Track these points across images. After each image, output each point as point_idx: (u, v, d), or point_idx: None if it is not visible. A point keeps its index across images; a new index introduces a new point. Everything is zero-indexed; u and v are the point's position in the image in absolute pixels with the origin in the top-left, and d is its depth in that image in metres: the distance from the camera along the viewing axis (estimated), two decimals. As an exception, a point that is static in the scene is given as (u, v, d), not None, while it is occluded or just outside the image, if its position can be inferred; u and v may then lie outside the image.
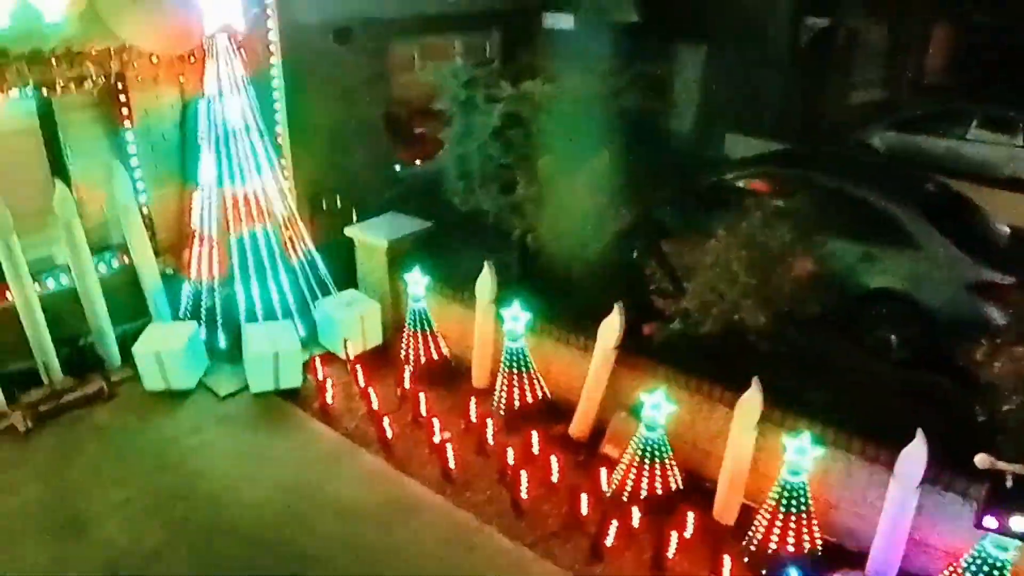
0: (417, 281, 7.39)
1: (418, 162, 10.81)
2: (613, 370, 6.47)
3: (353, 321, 7.88)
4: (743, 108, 12.86)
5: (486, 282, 7.08)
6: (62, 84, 7.13)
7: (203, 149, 7.76)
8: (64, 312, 7.53)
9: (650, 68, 10.26)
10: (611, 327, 6.31)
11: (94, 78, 7.31)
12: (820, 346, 7.06)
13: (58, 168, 7.55)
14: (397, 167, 10.70)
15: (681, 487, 5.98)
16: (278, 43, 8.64)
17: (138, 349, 7.42)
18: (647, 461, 5.78)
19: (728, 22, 12.83)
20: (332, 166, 9.43)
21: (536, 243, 7.49)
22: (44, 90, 7.08)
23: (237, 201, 7.79)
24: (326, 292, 8.33)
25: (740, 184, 8.35)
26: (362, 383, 7.40)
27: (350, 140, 9.72)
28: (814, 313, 6.10)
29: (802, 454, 5.16)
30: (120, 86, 7.66)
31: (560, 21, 12.43)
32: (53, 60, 6.95)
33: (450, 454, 6.35)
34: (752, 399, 5.51)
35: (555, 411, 6.98)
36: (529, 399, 6.88)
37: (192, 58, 7.86)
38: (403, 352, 7.64)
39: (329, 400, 7.28)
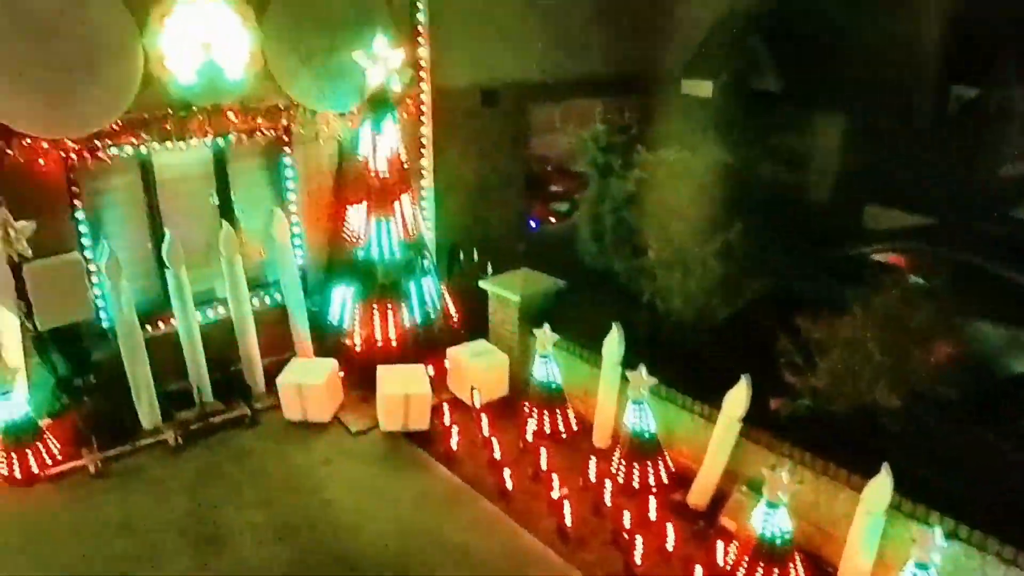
0: (546, 337, 7.58)
1: (552, 220, 11.10)
2: (736, 442, 6.41)
3: (482, 371, 8.14)
4: (884, 180, 12.48)
5: (613, 343, 7.19)
6: (236, 135, 7.91)
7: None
8: (219, 341, 8.17)
9: (787, 137, 10.21)
10: (737, 398, 6.28)
11: (264, 131, 8.03)
12: (959, 433, 6.73)
13: (225, 210, 8.28)
14: (532, 223, 11.01)
15: (800, 570, 5.82)
16: (429, 103, 9.19)
17: (281, 381, 7.94)
18: (766, 538, 5.67)
19: (870, 91, 12.56)
20: (471, 220, 9.84)
21: (665, 307, 7.54)
22: (220, 140, 7.85)
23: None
24: (457, 340, 8.66)
25: (878, 259, 8.14)
26: (486, 432, 7.61)
27: (489, 196, 10.14)
28: (954, 397, 5.87)
29: (931, 549, 4.95)
30: (286, 139, 8.36)
31: (698, 88, 12.54)
32: (230, 114, 7.72)
33: (567, 511, 6.42)
34: (881, 485, 5.35)
35: (675, 477, 6.96)
36: (649, 464, 6.88)
37: (351, 115, 8.45)
38: (527, 406, 7.81)
39: (453, 446, 7.52)
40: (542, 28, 10.22)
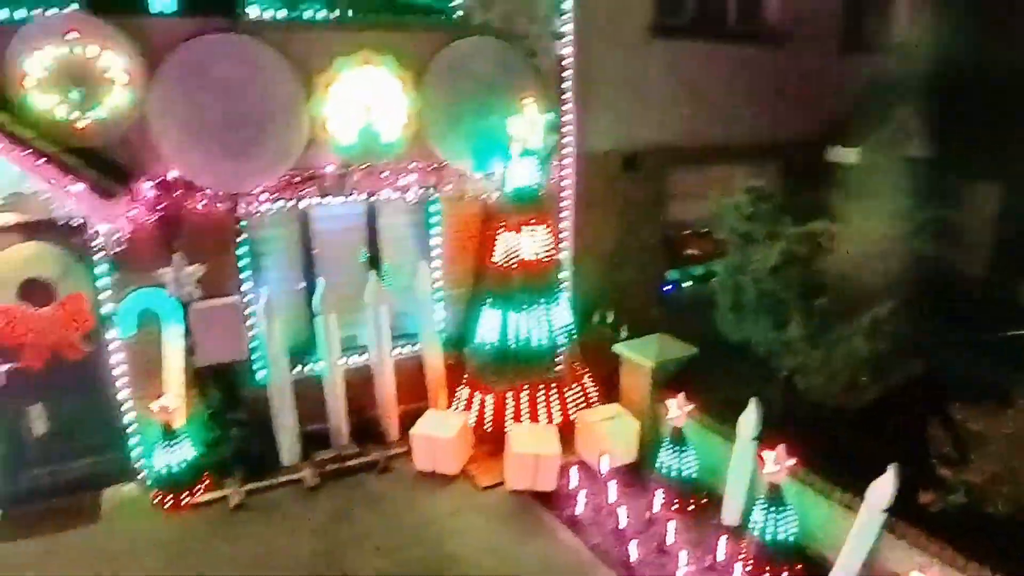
0: (679, 406, 7.47)
1: (687, 285, 10.98)
2: (878, 536, 6.05)
3: (612, 436, 8.08)
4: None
5: (750, 419, 6.99)
6: (388, 192, 8.30)
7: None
8: (358, 386, 8.50)
9: (943, 207, 9.72)
10: (882, 488, 5.95)
11: (414, 189, 8.42)
12: None
13: (373, 262, 8.68)
14: (666, 287, 10.92)
15: None
16: (571, 166, 9.37)
17: (415, 431, 8.16)
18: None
19: (1030, 157, 11.81)
20: (607, 282, 9.86)
21: (805, 385, 7.28)
22: (373, 196, 8.31)
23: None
24: (589, 403, 8.66)
25: (1047, 344, 7.57)
26: (612, 499, 7.52)
27: (625, 259, 10.14)
28: None
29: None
30: (434, 197, 8.73)
31: (845, 155, 12.16)
32: (384, 172, 8.17)
33: (693, 589, 6.24)
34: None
35: (809, 564, 6.62)
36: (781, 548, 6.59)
37: (497, 176, 8.73)
38: (656, 475, 7.68)
39: (579, 511, 7.47)
40: (685, 93, 10.25)
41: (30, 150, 6.41)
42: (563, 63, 9.06)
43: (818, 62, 11.23)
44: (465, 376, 8.89)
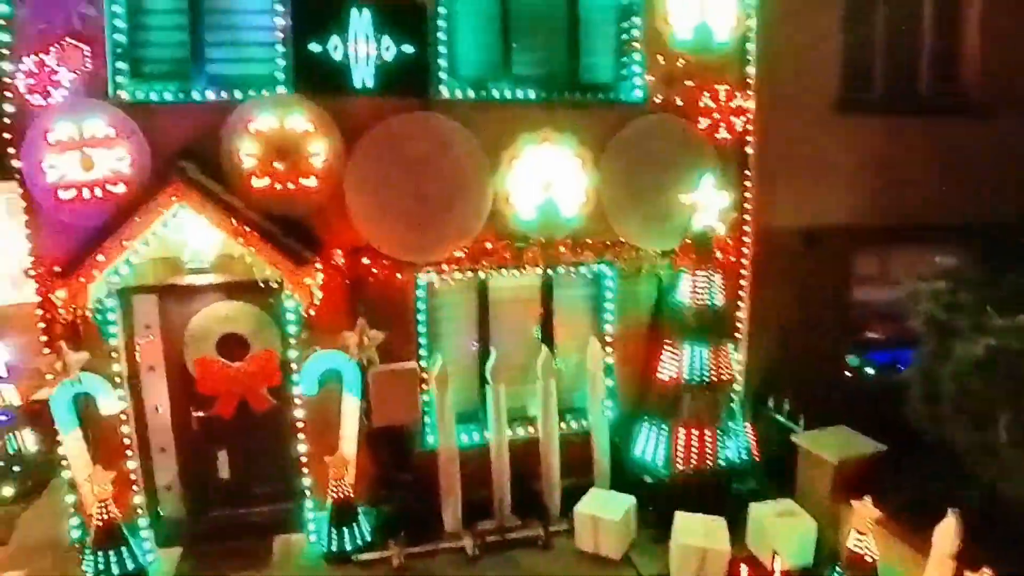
0: (866, 511, 6.90)
1: (870, 371, 10.28)
2: None
3: (785, 534, 7.58)
4: None
5: (948, 533, 6.34)
6: (564, 267, 8.41)
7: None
8: (523, 458, 8.42)
9: None
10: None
11: (590, 265, 8.48)
12: None
13: (546, 335, 8.71)
14: (848, 372, 10.27)
15: None
16: (750, 244, 9.12)
17: (579, 509, 7.98)
18: None
19: None
20: (782, 366, 9.39)
21: (1014, 494, 6.55)
22: (550, 270, 8.42)
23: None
24: (760, 495, 8.18)
25: None
26: (786, 604, 7.02)
27: (803, 341, 9.63)
28: None
29: None
30: (608, 273, 8.73)
31: (1056, 237, 11.11)
32: (562, 247, 8.27)
33: None
34: None
35: None
36: None
37: (673, 255, 8.66)
38: (835, 581, 7.10)
39: (748, 612, 7.02)
40: (872, 170, 9.73)
41: (237, 217, 6.97)
42: (744, 139, 8.89)
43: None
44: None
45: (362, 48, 7.50)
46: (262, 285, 7.22)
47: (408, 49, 7.63)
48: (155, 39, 7.58)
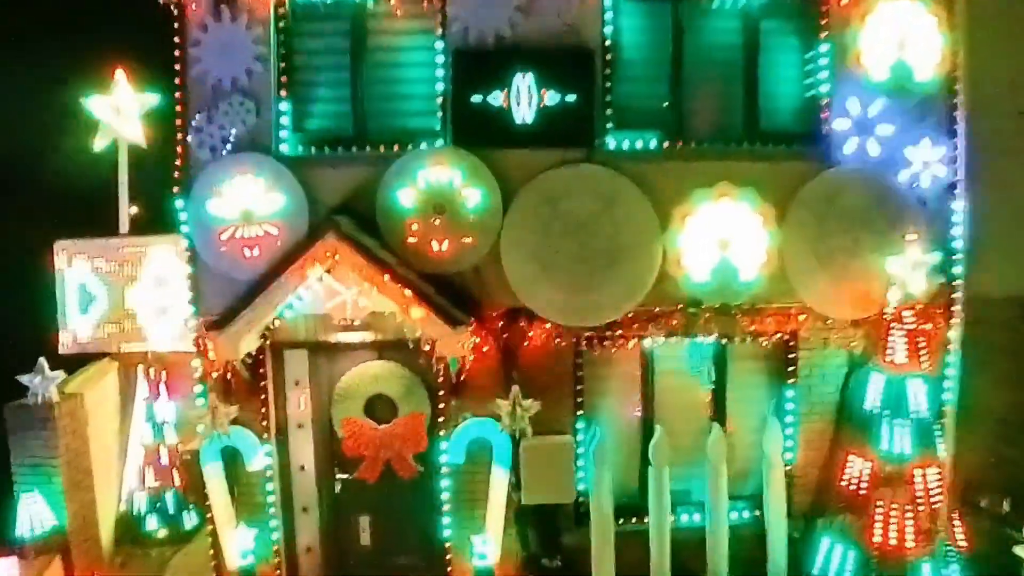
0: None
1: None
2: None
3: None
4: None
5: None
6: (740, 336, 7.61)
7: (882, 423, 7.31)
8: (685, 547, 7.61)
9: None
10: None
11: (769, 334, 7.64)
12: None
13: (718, 413, 7.91)
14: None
15: None
16: (960, 315, 7.91)
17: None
18: None
19: None
20: (996, 458, 8.03)
21: None
22: (723, 339, 7.65)
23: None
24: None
25: None
26: None
27: (1021, 430, 8.23)
28: None
29: None
30: (790, 344, 7.82)
31: None
32: (737, 314, 7.49)
33: None
34: None
35: None
36: None
37: (866, 324, 7.67)
38: None
39: None
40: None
41: (391, 275, 6.77)
42: (952, 191, 7.79)
43: None
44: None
45: (524, 97, 7.21)
46: (412, 346, 6.97)
47: (572, 98, 7.26)
48: (317, 94, 7.66)
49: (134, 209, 8.74)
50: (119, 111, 8.51)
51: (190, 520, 8.85)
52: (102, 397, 8.54)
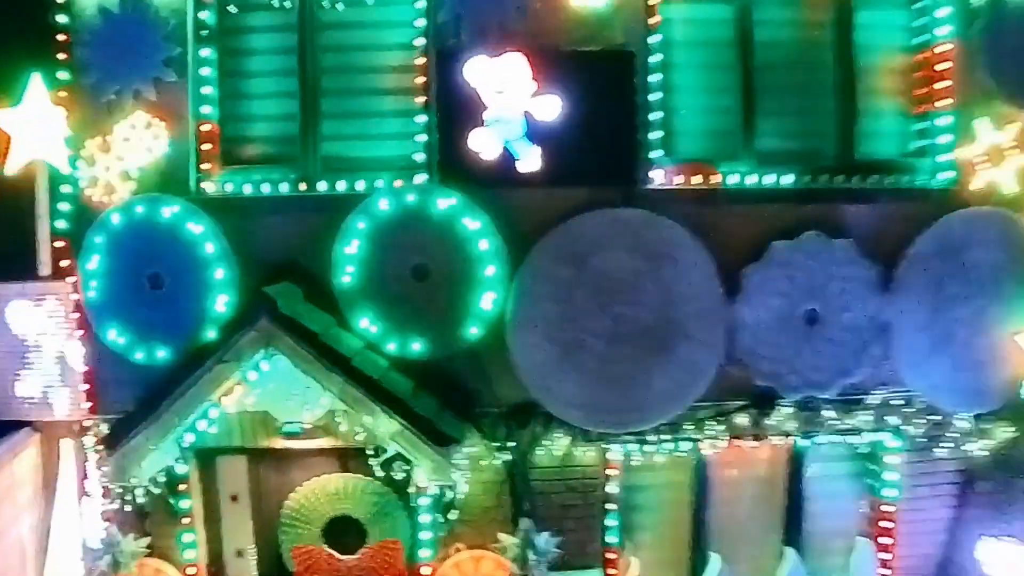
0: None
1: None
2: None
3: None
4: None
5: None
6: (825, 433, 6.13)
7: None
8: None
9: None
10: None
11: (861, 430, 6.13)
12: None
13: (791, 532, 6.38)
14: None
15: None
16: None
17: None
18: None
19: None
20: None
21: None
22: (803, 437, 6.15)
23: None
24: None
25: None
26: None
27: None
28: None
29: None
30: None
31: None
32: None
33: None
34: None
35: None
36: None
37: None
38: None
39: None
40: None
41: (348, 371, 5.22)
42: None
43: None
44: None
45: (540, 115, 5.50)
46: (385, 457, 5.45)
47: (604, 117, 5.60)
48: (253, 112, 6.05)
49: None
50: (33, 126, 6.73)
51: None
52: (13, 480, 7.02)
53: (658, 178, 5.78)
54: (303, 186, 5.80)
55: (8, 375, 6.55)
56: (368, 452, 5.53)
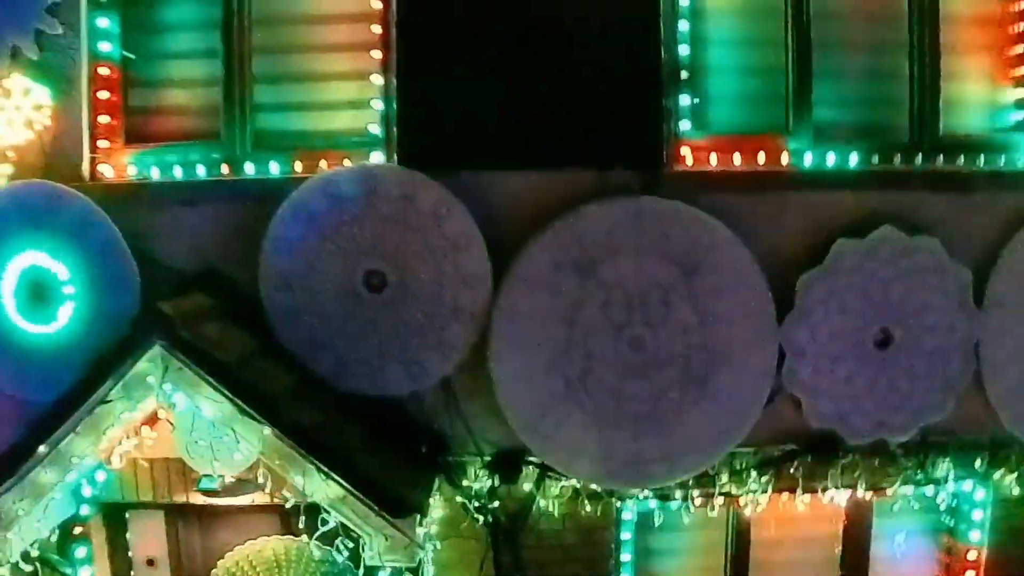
0: None
1: None
2: None
3: None
4: None
5: None
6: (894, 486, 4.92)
7: None
8: None
9: None
10: None
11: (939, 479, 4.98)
12: None
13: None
14: None
15: None
16: None
17: None
18: None
19: None
20: None
21: None
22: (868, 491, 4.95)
23: None
24: None
25: None
26: None
27: None
28: None
29: None
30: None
31: None
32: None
33: None
34: None
35: None
36: None
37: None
38: None
39: None
40: None
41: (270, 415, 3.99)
42: None
43: None
44: None
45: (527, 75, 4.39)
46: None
47: (619, 83, 4.41)
48: (161, 74, 4.85)
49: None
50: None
51: None
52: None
53: (688, 158, 4.59)
54: (226, 168, 4.55)
55: None
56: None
